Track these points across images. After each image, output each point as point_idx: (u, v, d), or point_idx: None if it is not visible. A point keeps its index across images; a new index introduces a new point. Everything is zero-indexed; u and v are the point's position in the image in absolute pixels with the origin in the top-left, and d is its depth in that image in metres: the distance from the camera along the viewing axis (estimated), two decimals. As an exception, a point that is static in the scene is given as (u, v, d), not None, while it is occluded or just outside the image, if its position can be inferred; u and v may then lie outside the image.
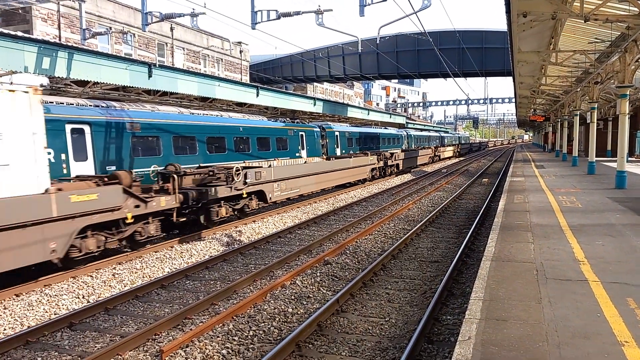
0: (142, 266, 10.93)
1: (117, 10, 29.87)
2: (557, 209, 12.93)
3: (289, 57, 49.42)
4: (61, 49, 13.80)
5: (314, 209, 19.07)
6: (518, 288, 6.42)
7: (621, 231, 9.90)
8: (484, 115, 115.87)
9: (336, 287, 9.38)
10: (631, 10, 13.26)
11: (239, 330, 7.21)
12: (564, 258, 7.89)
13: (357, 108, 38.56)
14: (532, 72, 26.45)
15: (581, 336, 4.90)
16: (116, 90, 17.19)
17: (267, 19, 15.46)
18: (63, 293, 9.15)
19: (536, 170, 27.50)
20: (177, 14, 16.24)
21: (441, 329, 7.28)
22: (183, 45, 36.07)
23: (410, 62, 43.86)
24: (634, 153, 38.04)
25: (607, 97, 33.88)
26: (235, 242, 13.52)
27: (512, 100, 67.84)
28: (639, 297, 5.97)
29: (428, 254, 11.85)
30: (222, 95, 20.14)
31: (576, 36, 19.31)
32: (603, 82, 22.63)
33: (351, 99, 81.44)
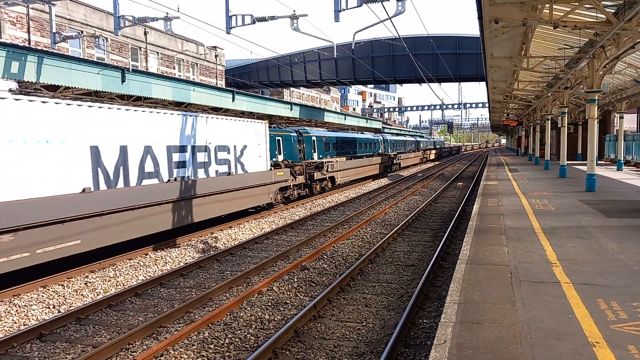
0: (115, 274, 10.73)
1: (88, 13, 29.37)
2: (530, 212, 13.16)
3: (264, 62, 49.29)
4: (30, 52, 13.48)
5: (291, 214, 19.01)
6: (492, 291, 6.49)
7: (591, 233, 10.12)
8: (458, 120, 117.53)
9: (313, 292, 9.35)
10: (598, 18, 13.62)
11: (214, 338, 7.12)
12: (537, 260, 8.01)
13: (334, 113, 38.67)
14: (504, 77, 26.94)
15: (554, 337, 4.97)
16: (88, 95, 16.87)
17: (242, 24, 15.39)
18: (33, 303, 8.91)
19: (510, 174, 27.98)
20: (151, 18, 16.04)
21: (418, 332, 7.32)
22: (157, 50, 35.66)
23: (386, 67, 44.21)
24: (603, 156, 39.04)
25: (577, 102, 34.72)
26: (211, 249, 13.37)
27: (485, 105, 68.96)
28: (608, 297, 6.10)
29: (405, 257, 11.92)
30: (197, 100, 19.96)
31: (547, 42, 19.76)
32: (573, 87, 23.18)
33: (328, 104, 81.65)
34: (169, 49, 36.98)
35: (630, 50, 16.08)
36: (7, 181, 9.29)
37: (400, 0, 13.73)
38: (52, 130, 10.27)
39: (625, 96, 28.85)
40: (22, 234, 9.28)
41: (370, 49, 43.98)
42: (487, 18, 13.08)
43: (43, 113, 10.14)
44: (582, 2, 12.37)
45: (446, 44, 41.27)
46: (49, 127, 10.21)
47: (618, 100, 30.36)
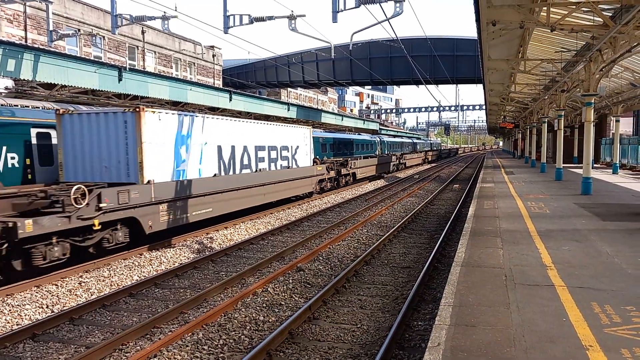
0: (110, 274, 10.68)
1: (86, 11, 29.30)
2: (526, 215, 13.18)
3: (262, 62, 49.28)
4: (27, 50, 13.44)
5: (287, 215, 18.99)
6: (487, 293, 6.49)
7: (587, 236, 10.14)
8: (455, 122, 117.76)
9: (309, 294, 9.34)
10: (595, 21, 13.66)
11: (208, 339, 7.09)
12: (532, 263, 8.02)
13: (331, 114, 38.69)
14: (501, 80, 27.01)
15: (547, 340, 4.97)
16: (85, 94, 16.82)
17: (240, 24, 15.38)
18: (26, 303, 8.86)
19: (506, 176, 28.03)
20: (148, 17, 16.01)
21: (412, 334, 7.31)
22: (154, 49, 35.61)
23: (383, 68, 44.26)
24: (599, 160, 39.18)
25: (574, 105, 34.84)
26: (206, 249, 13.34)
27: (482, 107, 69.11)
28: (603, 301, 6.11)
29: (400, 259, 11.91)
30: (194, 99, 19.94)
31: (544, 45, 19.82)
32: (569, 90, 23.25)
33: (325, 105, 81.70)
34: (166, 48, 36.93)
35: (626, 54, 16.14)
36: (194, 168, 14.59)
37: (398, 2, 13.75)
38: (206, 135, 15.10)
39: (622, 100, 28.96)
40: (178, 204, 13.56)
41: (368, 50, 44.03)
42: (485, 20, 13.10)
43: (206, 125, 15.18)
44: (580, 5, 12.41)
45: (444, 46, 41.38)
46: (205, 134, 15.07)
47: (614, 103, 30.48)
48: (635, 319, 5.50)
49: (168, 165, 13.44)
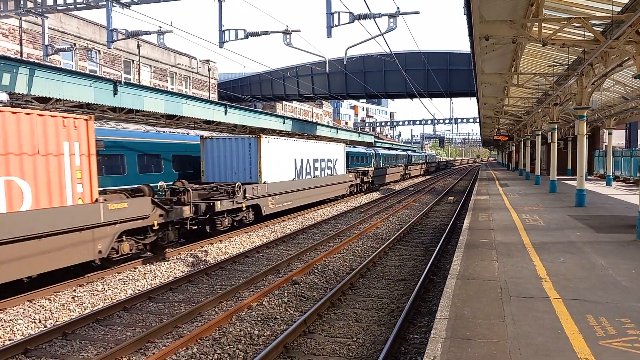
0: (103, 288, 10.60)
1: (81, 26, 29.41)
2: (521, 227, 13.22)
3: (257, 76, 49.50)
4: (22, 64, 13.45)
5: (282, 228, 18.96)
6: (482, 306, 6.49)
7: (581, 248, 10.18)
8: (449, 135, 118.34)
9: (304, 307, 9.29)
10: (587, 36, 13.84)
11: (203, 353, 7.04)
12: (527, 276, 8.04)
13: (326, 127, 38.77)
14: (495, 93, 27.23)
15: (543, 354, 4.97)
16: (80, 107, 16.82)
17: (235, 38, 15.47)
18: (18, 317, 8.77)
19: (500, 188, 28.13)
20: (144, 32, 16.08)
21: (408, 347, 7.28)
22: (150, 63, 35.72)
23: (378, 82, 44.54)
24: (592, 172, 39.41)
25: (567, 118, 35.13)
26: (200, 263, 13.28)
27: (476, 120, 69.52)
28: (598, 313, 6.12)
29: (396, 272, 11.90)
30: (189, 113, 19.95)
31: (536, 59, 20.03)
32: (562, 103, 23.46)
33: (320, 118, 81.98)
34: (161, 62, 37.06)
35: (618, 68, 16.36)
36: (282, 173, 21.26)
37: (392, 17, 13.89)
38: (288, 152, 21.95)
39: (614, 112, 29.25)
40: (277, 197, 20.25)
41: (363, 64, 44.33)
42: (478, 35, 13.25)
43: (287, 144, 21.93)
44: (571, 21, 12.58)
45: (437, 60, 41.71)
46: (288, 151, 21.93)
47: (607, 116, 30.76)
48: (630, 331, 5.51)
49: (273, 171, 20.36)
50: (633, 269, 8.32)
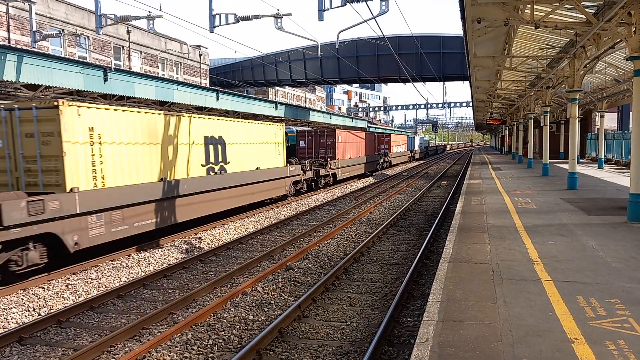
0: (97, 276, 10.60)
1: (70, 11, 28.97)
2: (513, 210, 13.30)
3: (249, 61, 49.10)
4: (10, 51, 13.26)
5: (276, 214, 18.97)
6: (475, 289, 6.54)
7: (572, 231, 10.26)
8: (443, 119, 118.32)
9: (298, 292, 9.34)
10: (579, 18, 13.80)
11: (198, 339, 7.07)
12: (519, 258, 8.10)
13: (319, 112, 38.64)
14: (488, 77, 27.17)
15: (534, 334, 5.03)
16: (70, 95, 16.65)
17: (226, 23, 15.31)
18: (12, 306, 8.77)
19: (493, 172, 28.24)
20: (133, 17, 15.87)
21: (401, 331, 7.35)
22: (140, 49, 35.32)
23: (371, 66, 44.31)
24: (585, 155, 39.60)
25: (559, 101, 35.17)
26: (194, 249, 13.29)
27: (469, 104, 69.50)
28: (588, 294, 6.19)
29: (389, 256, 11.97)
30: (180, 99, 19.82)
31: (529, 42, 19.97)
32: (554, 86, 23.47)
33: (313, 103, 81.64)
34: (152, 47, 36.65)
35: (610, 50, 16.33)
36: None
37: (384, 0, 13.78)
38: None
39: (606, 95, 29.30)
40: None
41: (355, 49, 44.05)
42: (470, 18, 13.17)
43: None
44: (563, 3, 12.52)
45: (430, 44, 41.50)
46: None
47: (599, 99, 30.83)
48: (619, 311, 5.58)
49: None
50: (623, 251, 8.41)
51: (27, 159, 10.86)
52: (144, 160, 13.01)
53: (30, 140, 10.76)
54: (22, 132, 10.81)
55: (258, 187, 19.16)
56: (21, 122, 10.78)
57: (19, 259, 9.72)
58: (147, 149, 13.15)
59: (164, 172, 13.82)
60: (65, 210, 10.38)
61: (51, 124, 10.54)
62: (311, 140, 29.67)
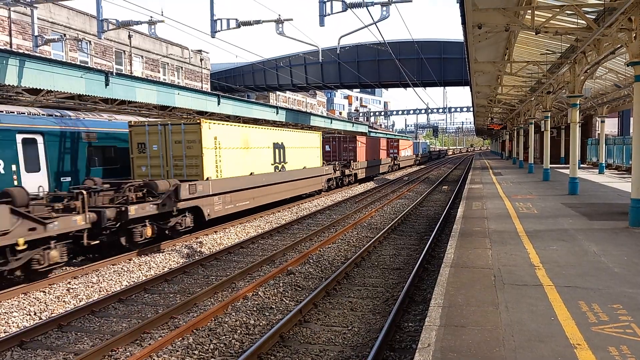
0: (98, 280, 10.59)
1: (71, 16, 29.07)
2: (514, 215, 13.30)
3: (250, 66, 49.24)
4: (12, 56, 13.29)
5: (277, 218, 18.97)
6: (476, 294, 6.54)
7: (573, 236, 10.26)
8: (443, 124, 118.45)
9: (299, 297, 9.33)
10: (579, 24, 13.85)
11: (199, 343, 7.06)
12: (520, 263, 8.10)
13: (320, 117, 38.69)
14: (488, 82, 27.23)
15: (536, 340, 5.02)
16: (71, 99, 16.68)
17: (227, 28, 15.34)
18: (13, 310, 8.76)
19: (494, 177, 28.24)
20: (135, 22, 15.91)
21: (403, 335, 7.34)
22: (141, 54, 35.42)
23: (371, 71, 44.43)
24: (585, 160, 39.60)
25: (560, 106, 35.22)
26: (196, 254, 13.29)
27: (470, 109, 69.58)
28: (590, 300, 6.18)
29: (390, 261, 11.95)
30: (182, 103, 19.85)
31: (529, 48, 20.03)
32: (555, 92, 23.51)
33: (314, 108, 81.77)
34: (153, 52, 36.76)
35: (610, 56, 16.38)
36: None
37: (385, 6, 13.83)
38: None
39: (606, 100, 29.33)
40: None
41: (356, 54, 44.20)
42: (471, 23, 13.22)
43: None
44: (563, 9, 12.58)
45: (431, 49, 41.63)
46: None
47: (599, 104, 30.87)
48: (622, 317, 5.57)
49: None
50: (625, 256, 8.40)
51: (175, 157, 15.63)
52: (242, 160, 17.91)
53: (178, 145, 15.54)
54: (172, 139, 15.56)
55: (304, 182, 23.70)
56: (172, 133, 15.55)
57: (181, 223, 14.44)
58: (243, 152, 18.03)
59: (252, 169, 18.57)
60: (204, 191, 15.13)
61: (194, 134, 15.31)
62: (335, 145, 34.07)
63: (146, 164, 15.89)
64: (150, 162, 15.82)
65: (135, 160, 16.00)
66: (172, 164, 15.60)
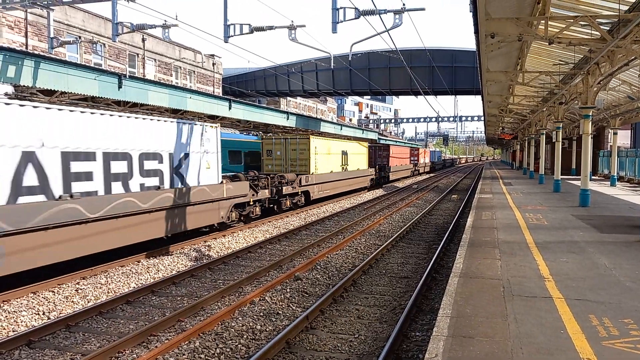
0: (107, 281, 10.65)
1: (87, 19, 29.42)
2: (524, 226, 13.19)
3: (262, 71, 49.47)
4: (27, 57, 13.46)
5: (285, 224, 18.97)
6: (485, 305, 6.48)
7: (584, 248, 10.15)
8: (453, 133, 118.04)
9: (306, 303, 9.31)
10: (593, 35, 13.77)
11: (205, 347, 7.06)
12: (530, 275, 8.02)
13: (330, 123, 38.72)
14: (500, 92, 27.13)
15: (545, 352, 4.96)
16: (84, 101, 16.84)
17: (240, 33, 15.44)
18: (22, 309, 8.83)
19: (504, 187, 28.07)
20: (149, 25, 16.06)
21: (410, 345, 7.29)
22: (154, 57, 35.72)
23: (382, 79, 44.46)
24: (597, 172, 39.25)
25: (572, 117, 34.98)
26: (204, 257, 13.32)
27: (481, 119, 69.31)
28: (600, 313, 6.11)
29: (398, 269, 11.90)
30: (193, 107, 19.95)
31: (542, 58, 19.94)
32: (567, 102, 23.36)
33: (324, 114, 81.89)
34: (166, 56, 37.06)
35: (624, 67, 16.27)
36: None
37: (398, 14, 13.85)
38: None
39: (619, 112, 29.09)
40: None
41: (367, 61, 44.26)
42: (484, 33, 13.19)
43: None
44: (577, 19, 12.51)
45: (442, 57, 41.60)
46: None
47: (612, 116, 30.61)
48: (633, 332, 5.50)
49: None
50: (637, 270, 8.30)
51: (291, 159, 24.06)
52: (326, 162, 25.96)
53: (294, 151, 23.94)
54: (290, 147, 24.08)
55: (357, 180, 31.29)
56: (290, 143, 24.09)
57: (300, 200, 23.03)
58: (327, 157, 26.12)
59: (331, 168, 26.69)
60: (310, 181, 23.50)
61: (304, 144, 23.84)
62: (372, 152, 39.90)
63: (272, 163, 24.47)
64: (275, 162, 24.38)
65: (264, 160, 24.70)
66: (289, 163, 24.02)
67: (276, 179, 20.81)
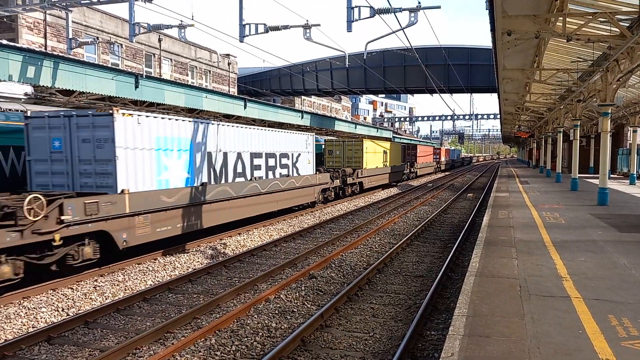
0: (124, 278, 10.79)
1: (104, 20, 29.77)
2: (541, 225, 13.06)
3: (277, 70, 49.56)
4: (47, 58, 13.67)
5: (300, 222, 19.02)
6: (501, 304, 6.44)
7: (603, 247, 10.02)
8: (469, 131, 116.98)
9: (321, 301, 9.33)
10: (612, 31, 13.56)
11: (221, 345, 7.12)
12: (547, 274, 7.94)
13: (344, 122, 38.69)
14: (516, 89, 26.85)
15: (563, 353, 4.92)
16: (102, 101, 17.05)
17: (256, 33, 15.51)
18: (42, 306, 8.98)
19: (520, 186, 27.79)
20: (165, 26, 16.23)
21: (425, 344, 7.27)
22: (171, 57, 36.03)
23: (397, 77, 44.23)
24: (615, 170, 38.64)
25: (590, 115, 34.48)
26: (219, 255, 13.41)
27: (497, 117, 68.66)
28: (620, 313, 6.03)
29: (413, 268, 11.86)
30: (209, 106, 20.09)
31: (559, 55, 19.69)
32: (585, 100, 23.04)
33: (339, 113, 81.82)
34: (182, 56, 37.35)
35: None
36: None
37: (413, 12, 13.79)
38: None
39: (639, 110, 28.60)
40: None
41: (382, 59, 44.07)
42: (500, 30, 13.07)
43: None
44: (596, 16, 12.34)
45: (458, 55, 41.24)
46: None
47: (631, 114, 30.11)
48: (653, 332, 5.41)
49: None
50: (657, 270, 8.17)
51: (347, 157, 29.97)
52: (373, 159, 31.61)
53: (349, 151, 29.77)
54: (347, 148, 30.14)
55: (396, 174, 38.09)
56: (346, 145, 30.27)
57: (355, 190, 29.07)
58: (374, 155, 31.71)
59: (376, 164, 32.29)
60: (363, 175, 29.36)
61: (358, 146, 29.71)
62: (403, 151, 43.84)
63: (332, 160, 30.07)
64: (335, 160, 29.99)
65: (326, 158, 30.17)
66: (346, 160, 29.54)
67: (340, 172, 26.12)
